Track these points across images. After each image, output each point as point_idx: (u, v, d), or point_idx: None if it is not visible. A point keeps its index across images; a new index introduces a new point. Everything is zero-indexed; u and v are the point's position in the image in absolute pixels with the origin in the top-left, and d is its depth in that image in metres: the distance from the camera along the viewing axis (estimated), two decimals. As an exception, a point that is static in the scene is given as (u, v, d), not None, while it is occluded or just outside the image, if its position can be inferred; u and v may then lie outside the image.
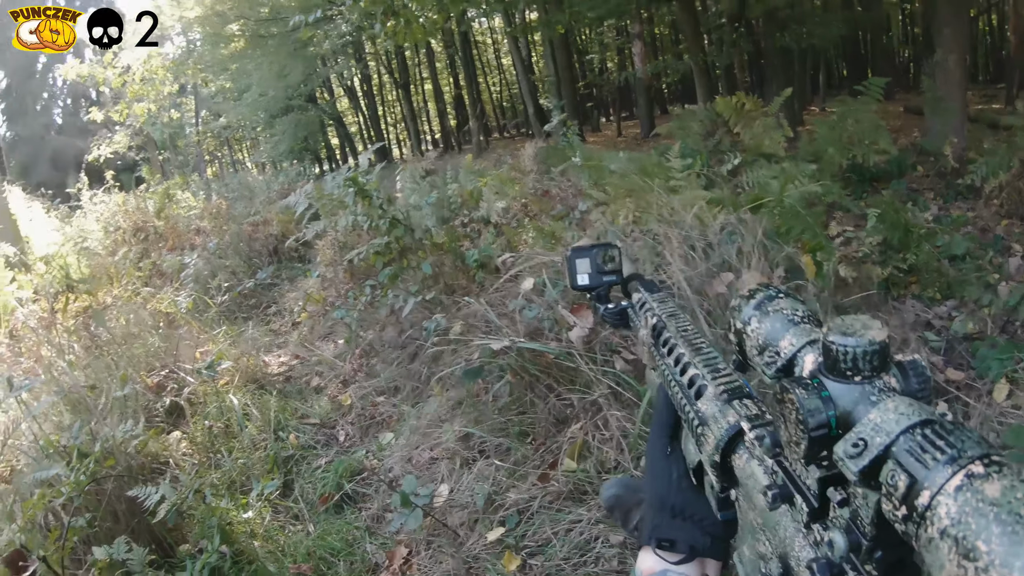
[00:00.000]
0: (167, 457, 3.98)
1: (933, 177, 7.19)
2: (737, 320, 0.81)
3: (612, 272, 1.26)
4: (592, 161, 6.20)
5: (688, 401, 0.87)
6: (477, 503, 2.91)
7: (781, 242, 3.77)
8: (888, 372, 0.62)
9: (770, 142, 6.27)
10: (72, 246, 9.00)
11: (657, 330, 1.03)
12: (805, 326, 0.73)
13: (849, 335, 0.62)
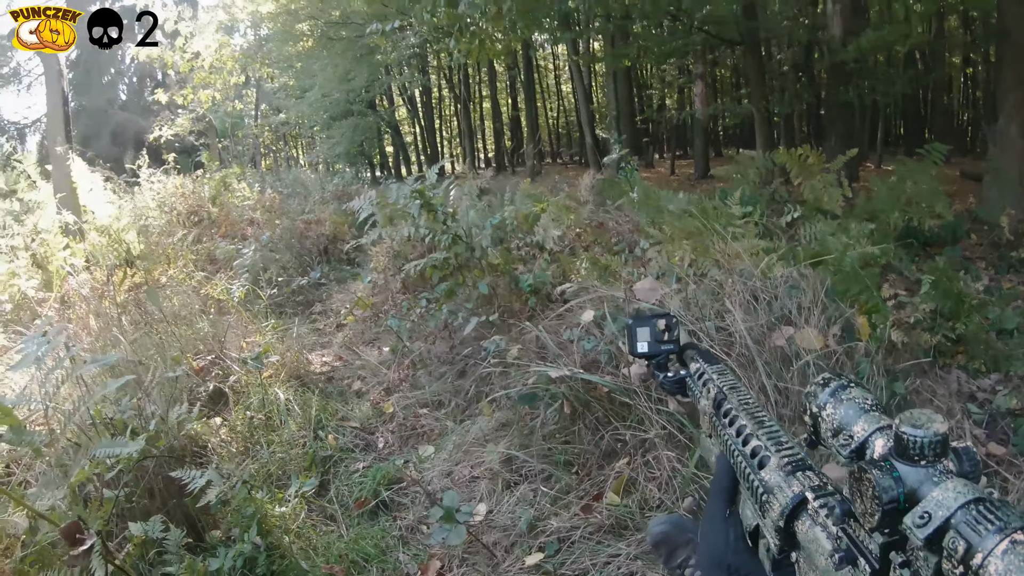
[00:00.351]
0: (206, 441, 4.00)
1: (987, 246, 7.09)
2: (813, 404, 0.94)
3: (670, 341, 1.38)
4: (651, 199, 6.23)
5: (752, 470, 0.97)
6: (520, 526, 2.94)
7: (839, 301, 3.77)
8: (947, 457, 0.77)
9: (828, 199, 6.27)
10: (131, 221, 9.15)
11: (718, 401, 1.13)
12: (874, 414, 0.88)
13: (918, 427, 0.77)
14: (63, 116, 9.08)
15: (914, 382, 3.49)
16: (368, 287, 6.73)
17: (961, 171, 13.45)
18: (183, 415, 3.47)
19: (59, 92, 9.01)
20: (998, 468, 2.99)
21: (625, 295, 3.41)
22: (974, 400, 3.66)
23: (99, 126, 26.66)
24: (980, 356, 4.13)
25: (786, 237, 5.43)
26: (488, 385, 4.02)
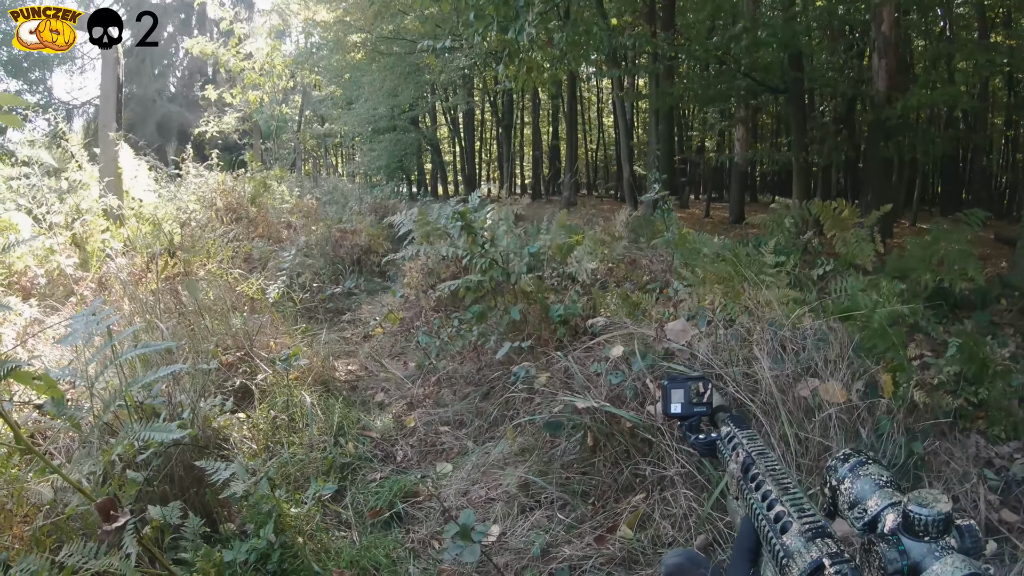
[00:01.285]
0: (228, 435, 4.07)
1: (1016, 313, 7.04)
2: (832, 478, 1.05)
3: (703, 404, 1.47)
4: (686, 241, 6.27)
5: (774, 534, 1.04)
6: (534, 551, 2.98)
7: (865, 357, 3.80)
8: (949, 534, 0.85)
9: (861, 254, 6.28)
10: (173, 211, 9.30)
11: (746, 466, 1.20)
12: (888, 490, 0.98)
13: (924, 506, 0.86)
14: (116, 102, 9.22)
15: (932, 443, 3.51)
16: (399, 301, 6.81)
17: (996, 234, 13.34)
18: (214, 407, 3.51)
19: (114, 78, 9.16)
20: (1009, 535, 2.99)
21: (656, 334, 3.47)
22: (991, 466, 3.66)
23: (146, 115, 27.13)
24: (1000, 423, 4.11)
25: (816, 289, 5.44)
26: (512, 410, 4.07)
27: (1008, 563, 2.84)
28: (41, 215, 7.54)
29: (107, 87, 9.43)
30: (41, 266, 6.69)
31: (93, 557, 2.36)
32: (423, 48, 10.43)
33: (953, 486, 3.22)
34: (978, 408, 4.20)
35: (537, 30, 8.69)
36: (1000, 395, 4.19)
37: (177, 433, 2.49)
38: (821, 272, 5.76)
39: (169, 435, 2.46)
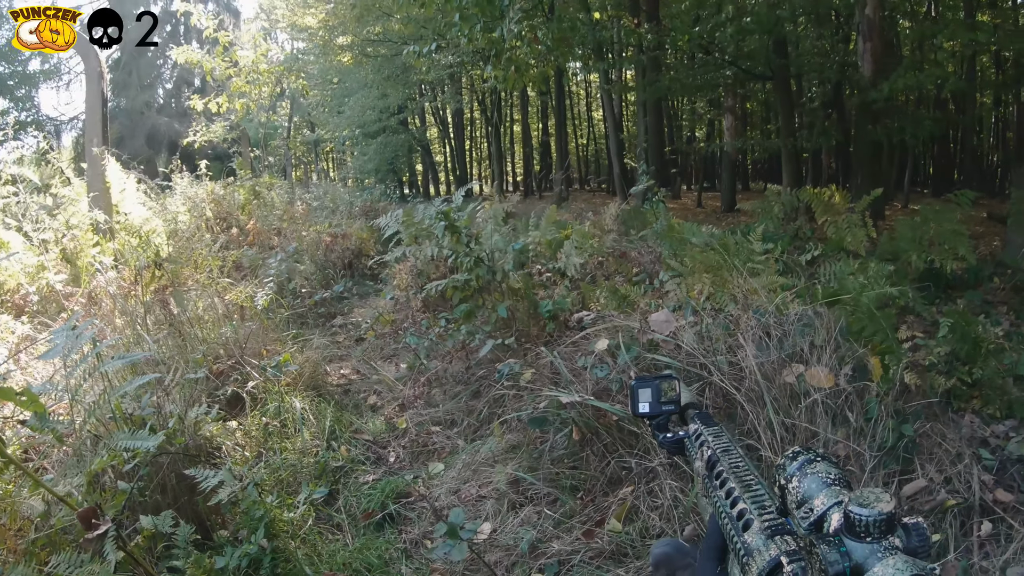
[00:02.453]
0: (221, 443, 4.09)
1: (1009, 291, 7.02)
2: (781, 476, 1.01)
3: (671, 402, 1.45)
4: (674, 231, 6.27)
5: (736, 532, 1.03)
6: (522, 547, 2.98)
7: (852, 341, 3.79)
8: (894, 533, 0.83)
9: (852, 239, 6.28)
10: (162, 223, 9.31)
11: (711, 463, 1.19)
12: (835, 488, 0.94)
13: (864, 506, 0.83)
14: (101, 117, 9.23)
15: (924, 425, 3.49)
16: (390, 304, 6.81)
17: (989, 213, 13.32)
18: (201, 416, 3.51)
19: (99, 93, 9.17)
20: (1004, 515, 2.96)
21: (640, 326, 3.46)
22: (986, 445, 3.64)
23: (135, 127, 27.09)
24: (995, 402, 4.10)
25: (806, 275, 5.44)
26: (501, 407, 4.07)
27: (1003, 543, 2.83)
28: (32, 232, 7.53)
29: (92, 102, 9.42)
30: (32, 283, 6.68)
31: (78, 566, 2.37)
32: (409, 54, 10.42)
33: (945, 467, 3.20)
34: (972, 388, 4.19)
35: (521, 27, 8.66)
36: (994, 374, 4.18)
37: (153, 441, 2.49)
38: (809, 257, 5.77)
39: (146, 443, 2.46)
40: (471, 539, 2.89)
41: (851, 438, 3.16)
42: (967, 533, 2.94)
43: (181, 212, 10.35)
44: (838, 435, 3.13)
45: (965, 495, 3.05)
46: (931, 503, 3.01)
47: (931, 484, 3.12)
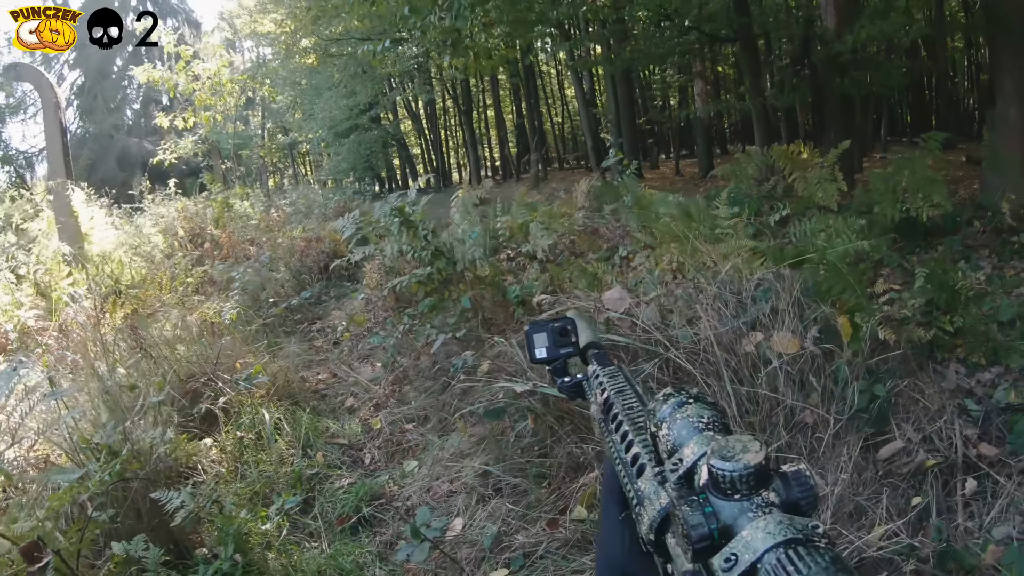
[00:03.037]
0: (197, 462, 4.09)
1: (989, 234, 6.95)
2: (651, 423, 0.85)
3: (568, 344, 1.31)
4: (643, 203, 6.19)
5: (630, 478, 0.90)
6: (484, 543, 2.93)
7: (819, 301, 3.71)
8: (768, 488, 0.70)
9: (824, 194, 6.20)
10: (128, 248, 9.26)
11: (607, 405, 1.06)
12: (708, 433, 0.79)
13: (727, 459, 0.69)
14: (61, 147, 9.18)
15: (901, 383, 3.41)
16: (362, 304, 6.74)
17: (968, 157, 13.22)
18: (155, 439, 3.47)
19: (57, 123, 9.12)
20: (989, 470, 2.88)
21: (595, 305, 3.38)
22: (972, 396, 3.57)
23: (105, 151, 27.00)
24: (979, 349, 4.03)
25: (780, 236, 5.37)
26: (467, 401, 4.00)
27: (989, 500, 2.75)
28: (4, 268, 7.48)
29: (51, 133, 9.40)
30: (8, 321, 6.63)
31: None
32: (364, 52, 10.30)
33: (924, 426, 3.12)
34: (954, 337, 4.13)
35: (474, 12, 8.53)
36: (976, 320, 4.12)
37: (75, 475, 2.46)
38: (778, 217, 5.70)
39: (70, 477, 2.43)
40: (438, 537, 2.84)
41: (823, 404, 3.08)
42: (951, 492, 2.85)
43: (152, 233, 10.27)
44: (805, 401, 3.06)
45: (946, 453, 2.97)
46: (910, 464, 2.93)
47: (909, 444, 3.03)
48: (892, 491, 2.80)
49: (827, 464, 2.81)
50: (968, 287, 4.44)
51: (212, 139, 17.14)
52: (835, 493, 2.71)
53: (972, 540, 2.59)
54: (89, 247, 9.08)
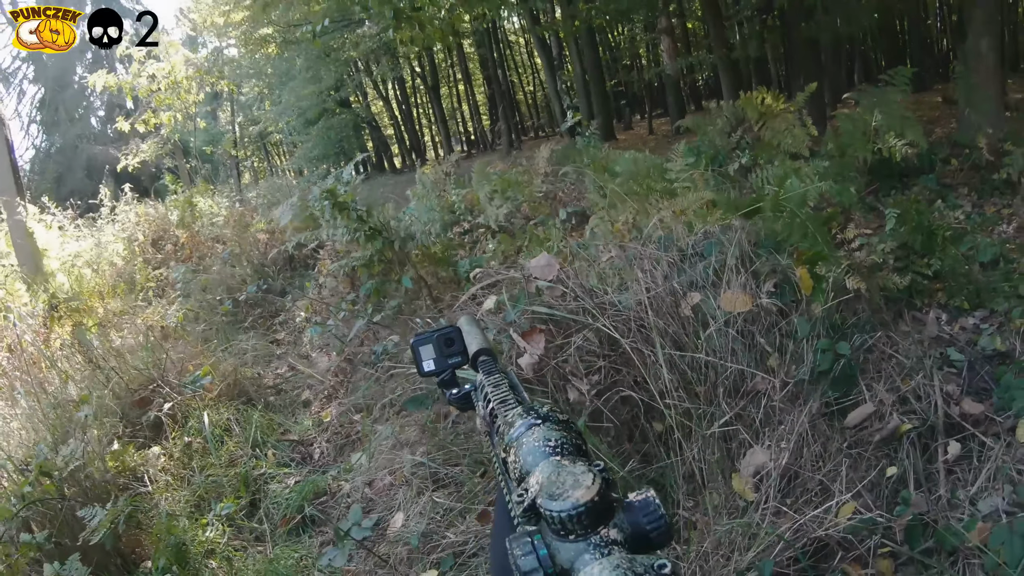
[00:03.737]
0: (144, 471, 3.93)
1: (967, 171, 6.75)
2: (501, 447, 0.80)
3: (455, 354, 1.23)
4: (600, 163, 5.97)
5: (510, 492, 0.79)
6: (412, 542, 2.74)
7: (776, 252, 3.47)
8: (608, 524, 0.62)
9: (792, 140, 5.98)
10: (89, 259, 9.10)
11: (492, 417, 0.96)
12: (555, 459, 0.71)
13: (555, 498, 0.62)
14: (10, 165, 9.03)
15: (871, 337, 3.18)
16: (315, 292, 6.55)
17: (943, 97, 13.07)
18: (91, 453, 3.36)
19: (2, 141, 8.91)
20: (974, 430, 2.66)
21: (522, 275, 3.15)
22: (954, 344, 3.33)
23: (71, 162, 26.83)
24: (960, 292, 3.84)
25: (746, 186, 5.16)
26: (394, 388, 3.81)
27: (976, 464, 2.52)
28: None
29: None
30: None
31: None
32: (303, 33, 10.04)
33: (898, 385, 2.88)
34: (933, 280, 3.93)
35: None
36: (956, 262, 3.92)
37: None
38: (737, 166, 5.48)
39: None
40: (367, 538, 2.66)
41: (782, 367, 2.84)
42: (931, 459, 2.62)
43: (112, 241, 10.08)
44: (761, 365, 2.82)
45: (924, 415, 2.73)
46: (882, 431, 2.69)
47: (881, 407, 2.79)
48: (862, 462, 2.56)
49: (782, 436, 2.57)
50: (945, 227, 4.24)
51: (175, 139, 16.88)
52: (792, 469, 2.49)
53: (956, 516, 2.35)
54: (48, 263, 8.92)
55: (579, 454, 0.73)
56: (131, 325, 5.85)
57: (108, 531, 3.03)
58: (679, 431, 2.60)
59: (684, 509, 2.56)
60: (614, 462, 2.57)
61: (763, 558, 2.17)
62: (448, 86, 31.75)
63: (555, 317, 2.88)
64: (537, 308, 2.91)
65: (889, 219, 4.23)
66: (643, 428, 2.78)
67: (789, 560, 2.20)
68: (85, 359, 5.23)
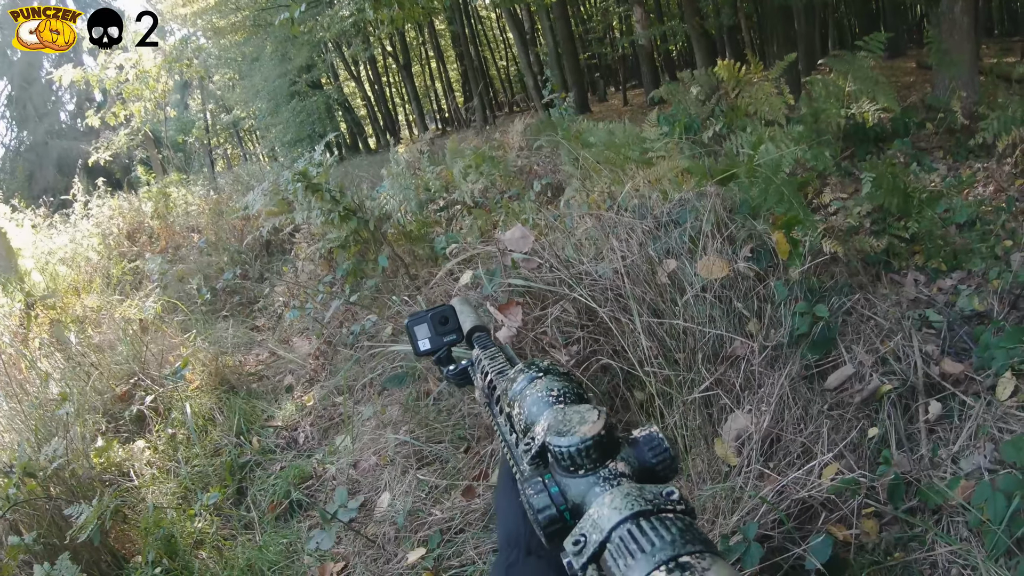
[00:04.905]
0: (130, 465, 3.90)
1: (943, 135, 6.78)
2: (505, 402, 0.83)
3: (450, 331, 1.26)
4: (575, 134, 5.94)
5: (516, 460, 0.85)
6: (398, 520, 2.73)
7: (751, 217, 3.47)
8: (615, 458, 0.65)
9: (770, 108, 5.98)
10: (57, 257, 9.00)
11: (491, 388, 1.02)
12: (559, 407, 0.73)
13: (563, 434, 0.65)
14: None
15: (848, 299, 3.19)
16: (292, 276, 6.51)
17: (917, 62, 13.14)
18: (51, 455, 3.33)
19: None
20: (954, 390, 2.65)
21: (497, 248, 3.13)
22: (933, 305, 3.34)
23: (42, 159, 26.51)
24: (938, 253, 3.85)
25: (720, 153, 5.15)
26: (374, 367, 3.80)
27: (957, 423, 2.53)
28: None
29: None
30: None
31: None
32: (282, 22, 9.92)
33: (877, 346, 2.88)
34: (911, 243, 3.94)
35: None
36: (932, 224, 3.93)
37: None
38: (712, 133, 5.47)
39: None
40: (353, 519, 2.65)
41: (760, 331, 2.84)
42: (912, 419, 2.62)
43: (87, 236, 9.96)
44: (739, 331, 2.82)
45: (904, 375, 2.73)
46: (863, 392, 2.70)
47: (861, 369, 2.79)
48: (843, 424, 2.57)
49: (763, 400, 2.58)
50: (921, 190, 4.25)
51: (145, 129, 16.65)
52: (774, 432, 2.49)
53: (938, 475, 2.36)
54: (23, 262, 8.80)
55: (581, 401, 0.75)
56: (109, 320, 5.77)
57: (95, 527, 3.00)
58: (660, 399, 2.60)
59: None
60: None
61: (747, 521, 2.18)
62: (420, 64, 31.66)
63: (532, 289, 2.87)
64: (513, 280, 2.90)
65: (865, 183, 4.23)
66: (624, 397, 2.78)
67: (773, 523, 2.21)
68: (64, 357, 5.17)
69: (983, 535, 2.08)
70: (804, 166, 4.85)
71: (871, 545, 2.19)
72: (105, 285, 7.72)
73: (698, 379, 2.61)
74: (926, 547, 2.15)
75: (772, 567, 2.10)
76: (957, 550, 2.09)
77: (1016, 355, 2.66)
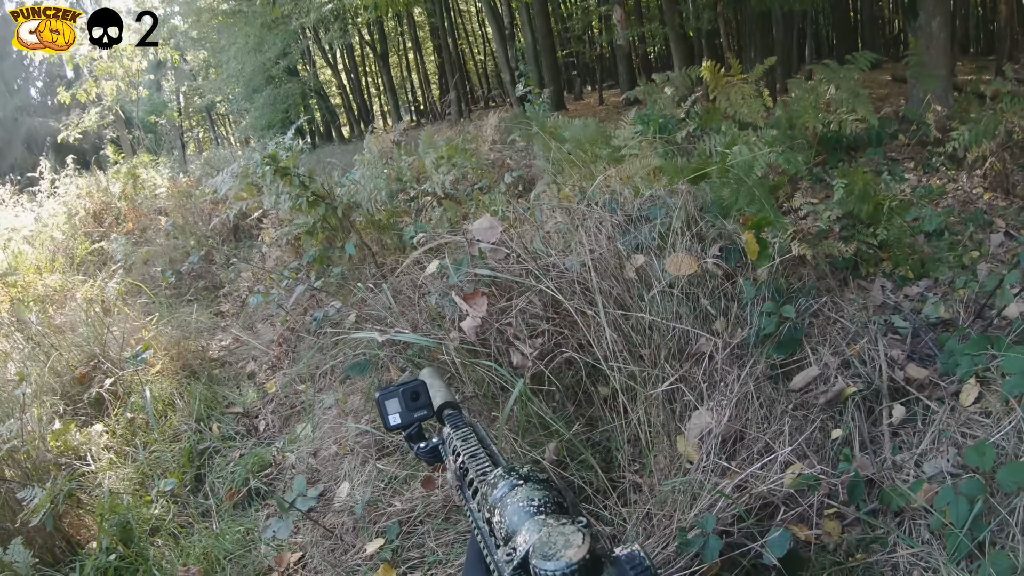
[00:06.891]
0: (87, 449, 3.83)
1: (915, 146, 6.87)
2: (485, 508, 0.83)
3: (421, 407, 1.25)
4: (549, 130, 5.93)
5: (488, 548, 0.86)
6: (356, 510, 2.69)
7: (721, 217, 3.47)
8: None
9: (749, 110, 6.00)
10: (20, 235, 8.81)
11: (463, 471, 1.01)
12: (539, 518, 0.74)
13: (548, 558, 0.66)
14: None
15: (815, 302, 3.20)
16: (259, 261, 6.43)
17: (893, 75, 13.30)
18: (5, 436, 3.28)
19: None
20: (919, 395, 2.67)
21: (464, 237, 3.10)
22: (899, 311, 3.37)
23: (11, 135, 25.98)
24: (906, 261, 3.88)
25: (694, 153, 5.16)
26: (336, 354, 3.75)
27: (920, 427, 2.54)
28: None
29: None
30: None
31: None
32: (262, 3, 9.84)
33: (842, 349, 2.89)
34: (880, 250, 3.97)
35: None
36: (901, 232, 3.96)
37: None
38: (685, 133, 5.49)
39: None
40: (312, 509, 2.61)
41: (726, 329, 2.84)
42: (876, 422, 2.64)
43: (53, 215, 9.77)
44: (705, 328, 2.82)
45: (869, 378, 2.75)
46: (827, 393, 2.70)
47: (826, 371, 2.80)
48: (807, 424, 2.58)
49: (726, 398, 2.57)
50: (892, 198, 4.29)
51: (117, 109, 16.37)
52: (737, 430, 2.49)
53: (901, 477, 2.37)
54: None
55: (562, 511, 0.77)
56: (71, 300, 5.67)
57: (48, 511, 2.94)
58: (624, 394, 2.59)
59: (629, 472, 2.55)
60: (559, 425, 2.55)
61: (706, 515, 2.17)
62: (398, 54, 31.52)
63: (498, 279, 2.85)
64: (480, 270, 2.87)
65: (837, 189, 4.25)
66: (588, 391, 2.77)
67: (733, 518, 2.20)
68: (24, 337, 5.06)
69: (945, 538, 2.10)
70: (776, 169, 4.86)
71: (833, 546, 2.19)
72: (68, 265, 7.60)
73: (662, 375, 2.60)
74: (888, 549, 2.16)
75: (731, 563, 2.10)
76: (919, 552, 2.10)
77: (980, 362, 2.67)
